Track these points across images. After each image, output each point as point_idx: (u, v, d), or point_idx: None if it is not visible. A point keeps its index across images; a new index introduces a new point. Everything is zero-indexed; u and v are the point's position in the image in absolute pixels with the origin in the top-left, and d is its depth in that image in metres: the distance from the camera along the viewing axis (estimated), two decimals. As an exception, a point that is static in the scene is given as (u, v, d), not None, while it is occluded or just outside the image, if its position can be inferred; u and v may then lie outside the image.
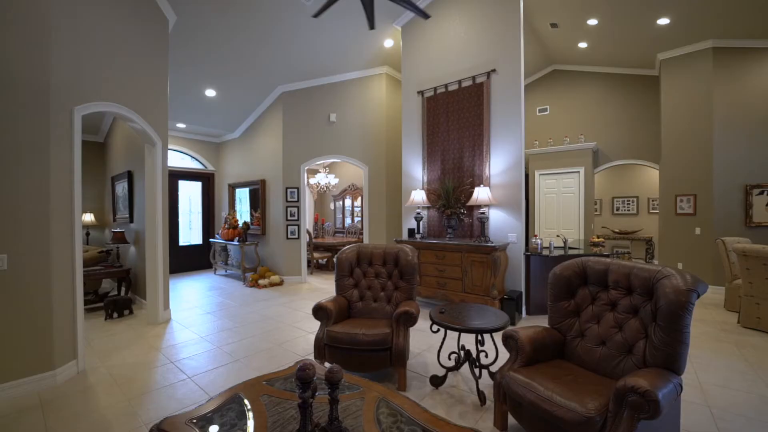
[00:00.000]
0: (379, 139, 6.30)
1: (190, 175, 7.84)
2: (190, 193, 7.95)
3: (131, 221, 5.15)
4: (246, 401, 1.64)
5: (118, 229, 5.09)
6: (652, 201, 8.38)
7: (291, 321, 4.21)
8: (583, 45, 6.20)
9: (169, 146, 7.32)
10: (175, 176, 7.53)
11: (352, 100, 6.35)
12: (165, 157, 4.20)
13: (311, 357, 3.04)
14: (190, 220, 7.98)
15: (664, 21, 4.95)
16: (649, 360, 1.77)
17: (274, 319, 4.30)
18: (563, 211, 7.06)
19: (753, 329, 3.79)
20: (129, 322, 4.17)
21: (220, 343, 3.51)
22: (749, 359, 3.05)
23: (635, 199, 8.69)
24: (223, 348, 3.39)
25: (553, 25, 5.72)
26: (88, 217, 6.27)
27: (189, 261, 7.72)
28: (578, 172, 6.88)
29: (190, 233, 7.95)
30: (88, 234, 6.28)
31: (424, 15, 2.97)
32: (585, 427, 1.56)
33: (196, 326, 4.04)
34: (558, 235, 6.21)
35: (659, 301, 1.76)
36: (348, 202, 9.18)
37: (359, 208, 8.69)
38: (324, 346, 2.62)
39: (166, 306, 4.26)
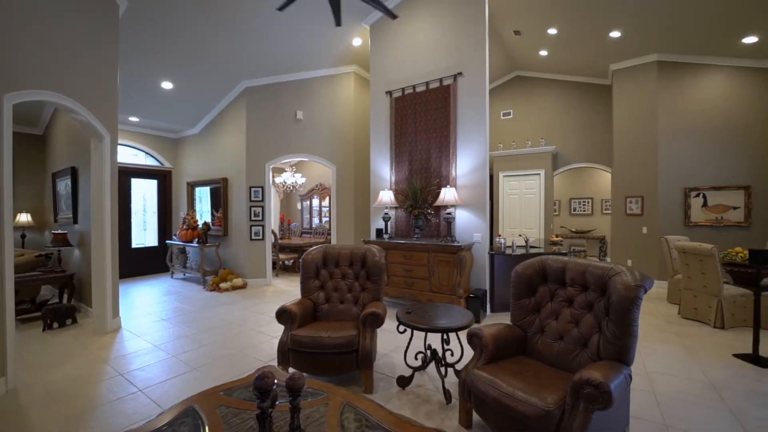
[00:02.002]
0: (347, 139, 6.24)
1: (144, 173, 7.35)
2: (144, 192, 7.45)
3: (75, 222, 4.73)
4: (201, 414, 1.53)
5: (59, 231, 4.65)
6: (605, 202, 8.95)
7: (254, 325, 4.05)
8: (543, 53, 6.49)
9: (120, 141, 6.81)
10: (128, 173, 7.02)
11: (320, 98, 6.23)
12: (114, 153, 3.90)
13: (275, 363, 2.93)
14: (145, 220, 7.48)
15: (615, 34, 5.29)
16: (603, 353, 1.87)
17: (236, 324, 4.12)
18: (525, 212, 7.35)
19: (691, 319, 4.13)
20: (72, 332, 3.82)
21: (176, 352, 3.30)
22: (688, 347, 3.32)
23: (590, 201, 9.24)
24: (180, 357, 3.19)
25: (517, 33, 5.94)
26: (24, 218, 5.69)
27: (143, 264, 7.23)
28: (539, 174, 7.19)
29: (145, 234, 7.45)
30: (23, 236, 5.70)
31: (392, 15, 2.96)
32: (544, 420, 1.61)
33: (150, 334, 3.77)
34: (520, 235, 6.46)
35: (611, 297, 1.86)
36: (315, 202, 9.01)
37: (327, 208, 8.55)
38: (288, 351, 2.53)
39: (116, 314, 3.95)
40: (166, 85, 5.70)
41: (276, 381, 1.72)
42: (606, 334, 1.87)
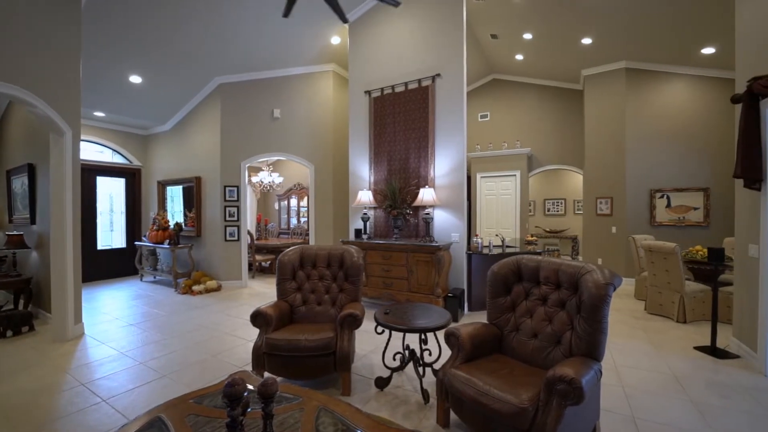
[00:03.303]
0: (325, 138, 6.16)
1: (111, 171, 6.99)
2: (111, 191, 7.09)
3: (33, 222, 4.43)
4: (168, 423, 1.46)
5: (15, 232, 4.34)
6: (577, 203, 9.28)
7: (229, 329, 3.92)
8: (519, 57, 6.65)
9: (84, 137, 6.44)
10: (92, 171, 6.65)
11: (298, 96, 6.13)
12: (77, 149, 3.68)
13: (250, 368, 2.84)
14: (112, 220, 7.12)
15: (587, 41, 5.49)
16: (575, 349, 1.92)
17: (210, 328, 3.98)
18: (502, 212, 7.51)
19: (657, 314, 4.34)
20: (29, 340, 3.57)
21: (145, 358, 3.14)
22: (654, 341, 3.47)
23: (563, 201, 9.56)
24: (148, 363, 3.05)
25: (494, 36, 6.06)
26: (-24, 218, 5.28)
27: (110, 267, 6.87)
28: (515, 175, 7.37)
29: (112, 235, 7.09)
30: (-25, 238, 5.28)
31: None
32: (519, 417, 1.64)
33: (116, 341, 3.58)
34: (497, 235, 6.58)
35: (583, 295, 1.91)
36: (294, 201, 8.87)
37: (305, 208, 8.43)
38: (263, 355, 2.46)
39: (78, 319, 3.72)
40: (135, 79, 5.44)
41: (251, 387, 1.67)
42: (578, 331, 1.92)
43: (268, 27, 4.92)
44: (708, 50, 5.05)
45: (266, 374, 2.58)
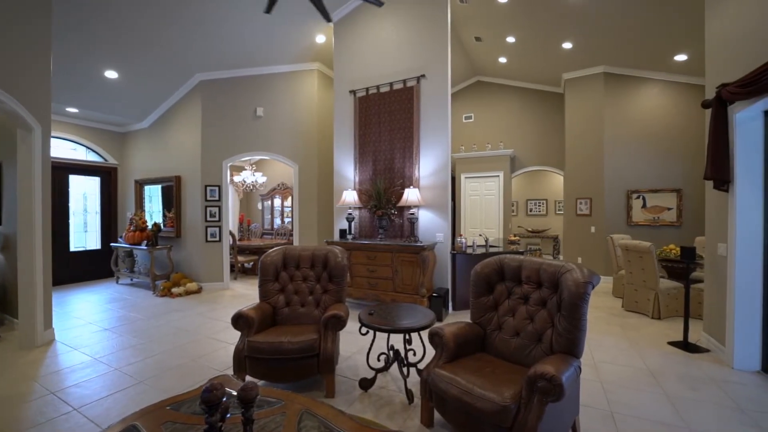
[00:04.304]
0: (310, 137, 6.10)
1: (85, 169, 6.71)
2: (85, 190, 6.81)
3: (-1, 223, 4.20)
4: (143, 432, 1.40)
5: (-21, 233, 4.11)
6: (558, 203, 9.50)
7: (209, 332, 3.83)
8: (503, 60, 6.76)
9: (55, 134, 6.18)
10: (65, 169, 6.38)
11: (282, 94, 6.04)
12: (47, 146, 3.51)
13: (231, 371, 2.78)
14: (86, 221, 6.84)
15: (567, 45, 5.63)
16: (555, 347, 1.95)
17: (190, 331, 3.87)
18: (485, 212, 7.62)
19: (633, 311, 4.48)
20: (-7, 347, 3.39)
21: (120, 364, 3.03)
22: (630, 337, 3.59)
23: (545, 202, 9.77)
24: (124, 369, 2.94)
25: (478, 39, 6.14)
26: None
27: (84, 269, 6.60)
28: (498, 176, 7.48)
29: (86, 237, 6.81)
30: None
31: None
32: (502, 415, 1.65)
33: (90, 346, 3.44)
34: (480, 235, 6.67)
35: (563, 293, 1.95)
36: (277, 201, 8.74)
37: (289, 209, 8.33)
38: (245, 359, 2.41)
39: (48, 325, 3.55)
40: (111, 74, 5.24)
41: (233, 392, 1.63)
42: (558, 329, 1.96)
43: (251, 23, 4.83)
44: (681, 57, 5.26)
45: (248, 378, 2.53)
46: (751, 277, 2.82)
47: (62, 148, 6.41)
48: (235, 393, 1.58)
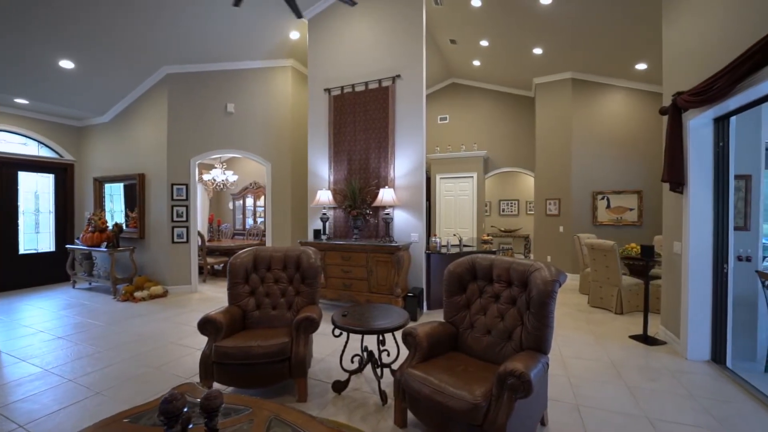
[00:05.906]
0: (283, 135, 5.96)
1: (36, 165, 6.23)
2: (37, 188, 6.33)
3: (-66, 223, 3.82)
4: (96, 448, 1.30)
5: None
6: (529, 204, 9.81)
7: (175, 338, 3.65)
8: (477, 63, 6.89)
9: (1, 126, 5.72)
10: (13, 165, 5.90)
11: (254, 91, 5.87)
12: (-10, 140, 3.22)
13: (197, 379, 2.66)
14: (38, 221, 6.36)
15: (538, 51, 5.81)
16: (524, 344, 2.00)
17: (153, 337, 3.67)
18: (460, 212, 7.74)
19: (598, 307, 4.69)
20: (-74, 360, 3.07)
21: (75, 375, 2.83)
22: (595, 333, 3.75)
23: (517, 202, 10.06)
24: (79, 380, 2.74)
25: (453, 41, 6.22)
26: None
27: (35, 273, 6.13)
28: (472, 177, 7.63)
29: (37, 238, 6.33)
30: None
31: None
32: (473, 413, 1.67)
33: (40, 357, 3.19)
34: (455, 234, 6.77)
35: (532, 292, 2.00)
36: (249, 201, 8.50)
37: (262, 208, 8.11)
38: (212, 365, 2.31)
39: (-8, 334, 3.27)
40: (66, 64, 4.89)
41: (195, 400, 1.55)
42: (527, 326, 2.00)
43: (222, 16, 4.65)
44: (641, 66, 5.56)
45: (215, 385, 2.43)
46: (702, 273, 3.02)
47: (10, 143, 5.92)
48: (198, 402, 1.50)
